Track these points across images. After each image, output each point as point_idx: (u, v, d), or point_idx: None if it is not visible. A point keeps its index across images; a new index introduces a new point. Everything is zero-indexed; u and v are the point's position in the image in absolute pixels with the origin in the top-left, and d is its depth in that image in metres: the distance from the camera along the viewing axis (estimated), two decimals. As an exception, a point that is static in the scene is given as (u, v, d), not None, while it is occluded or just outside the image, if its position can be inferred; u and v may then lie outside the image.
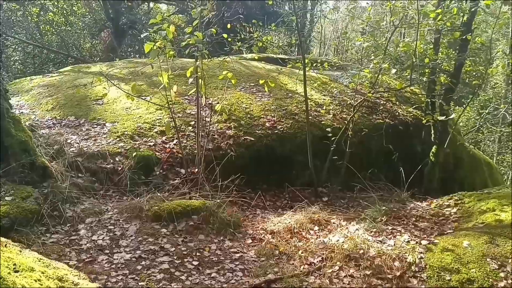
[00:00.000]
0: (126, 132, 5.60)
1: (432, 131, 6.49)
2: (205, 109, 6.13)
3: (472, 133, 12.95)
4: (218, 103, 6.36)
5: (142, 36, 4.21)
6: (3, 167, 4.19)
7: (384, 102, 7.28)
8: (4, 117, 4.27)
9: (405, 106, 7.47)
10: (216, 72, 7.29)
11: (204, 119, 5.80)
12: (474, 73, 6.37)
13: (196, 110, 5.91)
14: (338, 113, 6.60)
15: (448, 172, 6.77)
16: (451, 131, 6.32)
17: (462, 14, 5.57)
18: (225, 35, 5.60)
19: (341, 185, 5.98)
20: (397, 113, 7.05)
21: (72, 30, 15.81)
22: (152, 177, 5.11)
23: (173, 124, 5.27)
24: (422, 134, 6.55)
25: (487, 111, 10.75)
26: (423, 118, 7.03)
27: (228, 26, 6.02)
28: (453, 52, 6.29)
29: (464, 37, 5.43)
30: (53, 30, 15.24)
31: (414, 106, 7.27)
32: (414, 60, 5.19)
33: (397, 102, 7.48)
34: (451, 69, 6.02)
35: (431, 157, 6.40)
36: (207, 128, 5.62)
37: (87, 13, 16.31)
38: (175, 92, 5.16)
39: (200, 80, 5.11)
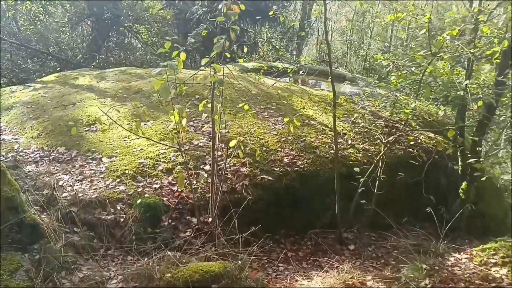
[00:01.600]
0: (127, 171, 4.87)
1: (460, 163, 5.96)
2: (216, 142, 5.45)
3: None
4: (228, 131, 5.70)
5: (153, 72, 3.45)
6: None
7: (402, 126, 6.70)
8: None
9: (425, 130, 6.91)
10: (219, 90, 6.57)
11: (215, 152, 5.13)
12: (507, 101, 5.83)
13: (210, 143, 5.26)
14: (360, 144, 5.98)
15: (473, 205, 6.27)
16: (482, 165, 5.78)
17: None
18: (240, 60, 4.92)
19: (366, 228, 5.41)
20: (419, 140, 6.49)
21: (52, 21, 14.72)
22: (159, 230, 4.42)
23: (186, 174, 4.54)
24: (448, 165, 6.00)
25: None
26: (447, 146, 6.52)
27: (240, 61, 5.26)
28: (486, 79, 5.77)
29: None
30: (31, 21, 14.14)
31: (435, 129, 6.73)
32: (467, 99, 4.62)
33: (417, 126, 6.92)
34: (486, 99, 5.46)
35: (460, 195, 5.87)
36: (220, 165, 4.94)
37: (67, 4, 15.14)
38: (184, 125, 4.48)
39: (216, 117, 4.43)
